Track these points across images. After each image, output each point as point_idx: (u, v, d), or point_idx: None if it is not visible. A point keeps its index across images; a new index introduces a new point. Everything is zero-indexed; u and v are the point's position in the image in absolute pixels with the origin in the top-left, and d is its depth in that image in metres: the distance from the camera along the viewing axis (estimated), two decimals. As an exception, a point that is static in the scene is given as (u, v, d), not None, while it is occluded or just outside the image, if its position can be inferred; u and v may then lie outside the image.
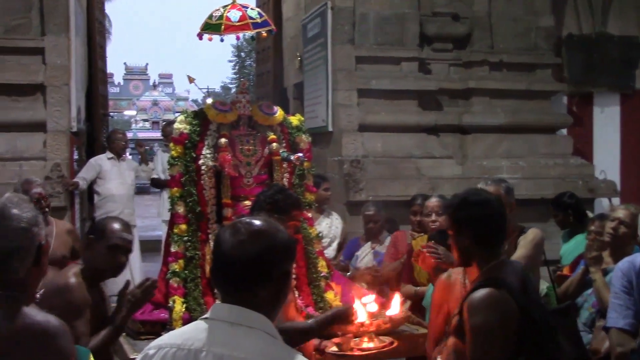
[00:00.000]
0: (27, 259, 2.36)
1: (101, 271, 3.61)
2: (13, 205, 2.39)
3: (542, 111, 9.09)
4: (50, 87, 7.82)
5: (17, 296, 2.35)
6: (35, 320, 2.31)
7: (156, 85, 52.13)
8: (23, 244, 2.34)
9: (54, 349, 2.30)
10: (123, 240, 3.60)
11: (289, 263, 2.09)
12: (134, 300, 3.47)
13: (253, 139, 4.88)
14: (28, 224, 2.36)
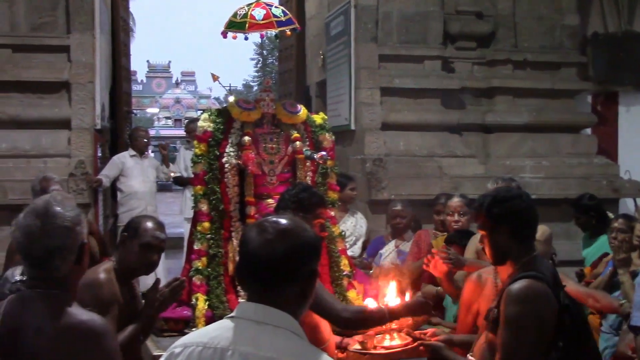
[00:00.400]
0: (70, 257, 2.39)
1: (133, 269, 3.62)
2: (57, 203, 2.41)
3: (566, 110, 9.02)
4: (75, 84, 7.87)
5: (60, 295, 2.38)
6: (81, 320, 2.34)
7: (179, 83, 52.43)
8: (66, 243, 2.37)
9: (100, 348, 2.33)
10: (156, 239, 3.60)
11: (315, 262, 2.08)
12: (162, 299, 3.49)
13: (276, 137, 4.89)
14: (72, 222, 2.39)
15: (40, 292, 2.38)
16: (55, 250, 2.35)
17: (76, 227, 2.39)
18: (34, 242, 2.36)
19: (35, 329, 2.31)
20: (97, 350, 2.32)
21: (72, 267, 2.40)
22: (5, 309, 2.41)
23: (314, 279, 2.07)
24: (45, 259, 2.36)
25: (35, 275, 2.41)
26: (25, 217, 2.39)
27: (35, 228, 2.35)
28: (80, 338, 2.30)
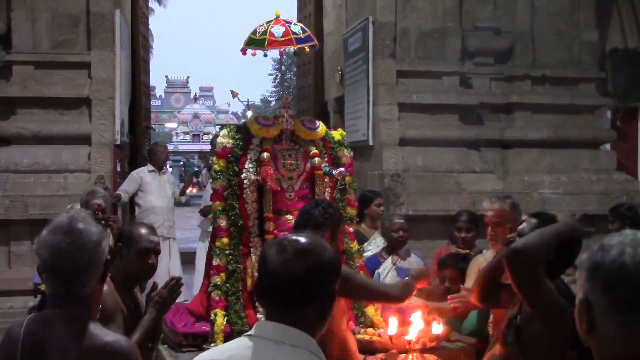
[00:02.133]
0: (96, 274, 2.40)
1: (134, 276, 3.69)
2: (80, 220, 2.42)
3: (585, 126, 8.99)
4: (96, 100, 7.95)
5: (81, 314, 2.37)
6: (106, 341, 2.34)
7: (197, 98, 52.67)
8: (95, 259, 2.38)
9: None
10: (151, 243, 3.67)
11: (334, 281, 2.07)
12: (162, 300, 3.49)
13: (295, 154, 4.91)
14: (99, 238, 2.40)
15: (61, 312, 2.37)
16: (84, 266, 2.36)
17: (102, 243, 2.41)
18: (64, 259, 2.34)
19: (60, 350, 2.31)
20: None
21: (96, 284, 2.41)
22: (27, 328, 2.40)
23: (333, 299, 2.06)
24: (74, 276, 2.36)
25: (59, 293, 2.40)
26: (50, 234, 2.38)
27: (65, 244, 2.35)
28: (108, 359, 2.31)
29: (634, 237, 1.79)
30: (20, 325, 2.44)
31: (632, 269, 1.72)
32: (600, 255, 1.78)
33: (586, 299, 1.80)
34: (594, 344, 1.82)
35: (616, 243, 1.77)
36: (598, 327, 1.78)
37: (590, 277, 1.79)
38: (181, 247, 9.61)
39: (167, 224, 8.45)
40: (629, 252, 1.73)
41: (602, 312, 1.76)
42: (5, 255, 7.56)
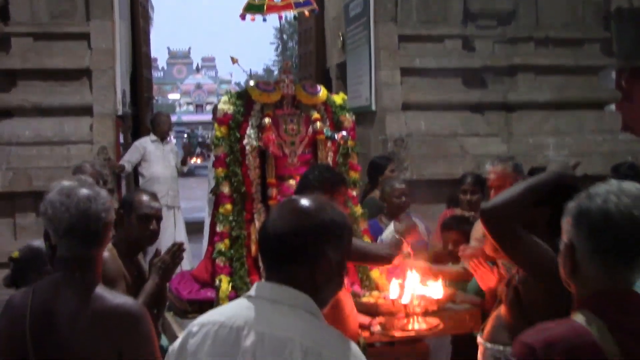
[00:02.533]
0: (97, 237, 2.42)
1: (136, 243, 3.72)
2: (84, 184, 2.47)
3: (590, 87, 8.92)
4: (96, 71, 7.92)
5: (88, 278, 2.40)
6: (116, 304, 2.36)
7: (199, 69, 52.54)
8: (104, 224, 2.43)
9: (137, 331, 2.35)
10: (152, 209, 3.71)
11: (328, 245, 2.02)
12: (164, 266, 3.51)
13: (297, 119, 4.88)
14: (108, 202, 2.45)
15: (69, 276, 2.39)
16: (102, 227, 2.42)
17: (106, 207, 2.44)
18: (65, 218, 2.39)
19: (70, 315, 2.32)
20: (134, 334, 2.34)
21: (97, 247, 2.43)
22: (34, 296, 2.41)
23: (326, 263, 2.01)
24: (74, 236, 2.40)
25: (69, 256, 2.43)
26: (54, 194, 2.44)
27: (70, 205, 2.40)
28: (116, 322, 2.32)
29: (619, 186, 1.96)
30: (23, 294, 2.45)
31: (616, 216, 1.90)
32: (586, 202, 1.97)
33: (571, 243, 1.99)
34: (575, 285, 2.03)
35: (602, 192, 1.96)
36: (580, 270, 1.98)
37: (576, 223, 1.98)
38: (186, 217, 9.64)
39: (171, 194, 8.46)
40: (613, 200, 1.92)
41: (585, 255, 1.96)
42: (10, 227, 7.58)
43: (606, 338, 1.86)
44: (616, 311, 1.91)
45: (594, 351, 1.86)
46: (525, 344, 1.93)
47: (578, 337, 1.89)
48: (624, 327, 1.89)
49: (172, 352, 2.08)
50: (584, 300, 1.98)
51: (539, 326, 1.99)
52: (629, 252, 1.94)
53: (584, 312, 1.94)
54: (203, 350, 1.99)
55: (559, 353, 1.87)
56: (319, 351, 1.90)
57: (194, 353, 2.01)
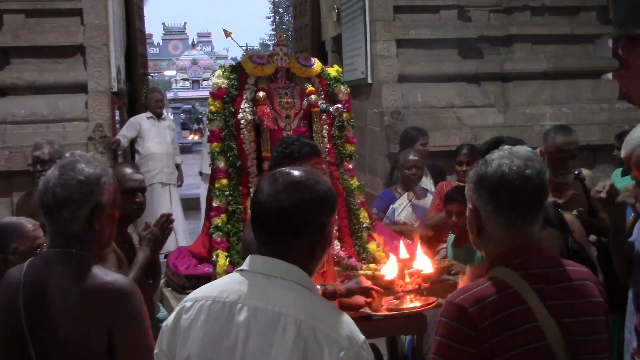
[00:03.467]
0: (79, 213, 2.39)
1: (124, 216, 3.56)
2: (82, 160, 2.44)
3: (587, 55, 8.87)
4: (90, 47, 7.88)
5: (80, 255, 2.39)
6: (106, 280, 2.34)
7: (195, 45, 52.17)
8: (75, 196, 2.38)
9: (127, 308, 2.34)
10: (136, 181, 3.69)
11: (326, 216, 2.04)
12: (154, 238, 3.46)
13: (291, 92, 4.85)
14: (86, 178, 2.40)
15: (60, 252, 2.39)
16: (63, 200, 2.37)
17: (90, 184, 2.40)
18: (48, 190, 2.39)
19: (61, 291, 2.32)
20: (124, 311, 2.32)
21: (85, 227, 2.39)
22: (27, 271, 2.42)
23: (324, 234, 2.04)
24: (53, 209, 2.38)
25: (52, 229, 2.43)
26: (51, 169, 2.45)
27: (52, 177, 2.40)
28: (106, 299, 2.30)
29: (511, 151, 2.17)
30: (18, 270, 2.45)
31: (510, 176, 2.10)
32: (483, 168, 2.16)
33: (474, 208, 2.18)
34: (484, 246, 2.22)
35: (496, 157, 2.16)
36: (486, 232, 2.17)
37: (476, 188, 2.17)
38: (182, 194, 9.64)
39: (166, 170, 8.45)
40: (506, 164, 2.12)
41: (488, 216, 2.15)
42: (8, 206, 7.57)
43: (524, 286, 2.06)
44: (526, 262, 2.11)
45: (518, 300, 2.04)
46: (455, 305, 2.07)
47: (501, 291, 2.06)
48: (535, 274, 2.09)
49: (166, 327, 2.08)
50: (495, 258, 2.16)
51: (463, 287, 2.18)
52: (526, 209, 2.13)
53: (499, 269, 2.12)
54: (197, 325, 2.00)
55: (488, 308, 2.02)
56: (312, 324, 1.90)
57: (188, 328, 2.01)
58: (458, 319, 2.04)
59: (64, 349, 2.30)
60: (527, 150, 2.21)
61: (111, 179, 2.48)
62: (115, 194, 2.51)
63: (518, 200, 2.11)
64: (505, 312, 2.02)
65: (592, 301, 2.14)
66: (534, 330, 2.02)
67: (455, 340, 2.03)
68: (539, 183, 2.12)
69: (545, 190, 2.17)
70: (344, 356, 1.87)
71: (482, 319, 2.01)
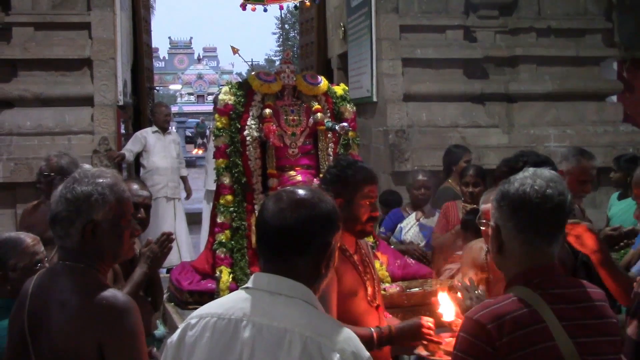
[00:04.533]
0: (70, 230, 2.41)
1: None
2: (79, 177, 2.47)
3: (591, 78, 8.89)
4: (97, 61, 7.91)
5: (83, 269, 2.40)
6: (103, 296, 2.34)
7: (201, 59, 52.48)
8: (62, 214, 2.41)
9: (122, 325, 2.32)
10: (140, 197, 3.70)
11: (330, 235, 2.06)
12: (153, 255, 3.46)
13: (297, 109, 4.88)
14: (74, 197, 2.42)
15: (67, 265, 2.42)
16: (54, 217, 2.43)
17: (78, 202, 2.41)
18: (51, 205, 2.46)
19: (60, 303, 2.34)
20: (117, 327, 2.31)
21: (82, 242, 2.41)
22: (36, 281, 2.47)
23: (328, 252, 2.05)
24: (51, 223, 2.44)
25: (59, 245, 2.46)
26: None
27: (55, 193, 2.47)
28: (101, 315, 2.30)
29: (534, 172, 2.23)
30: (30, 280, 2.52)
31: (531, 195, 2.16)
32: (506, 186, 2.23)
33: (496, 225, 2.24)
34: (502, 264, 2.27)
35: (520, 177, 2.23)
36: (506, 248, 2.22)
37: (498, 205, 2.23)
38: (187, 208, 9.63)
39: (171, 185, 8.44)
40: (529, 183, 2.18)
41: (509, 233, 2.20)
42: (12, 217, 7.59)
43: (542, 306, 2.10)
44: (545, 282, 2.15)
45: (536, 319, 2.08)
46: (474, 321, 2.10)
47: (520, 309, 2.09)
48: (554, 294, 2.13)
49: (171, 344, 2.08)
50: (515, 277, 2.21)
51: (483, 304, 2.21)
52: (546, 228, 2.18)
53: (518, 288, 2.17)
54: (202, 342, 2.00)
55: (506, 325, 2.05)
56: (318, 341, 1.90)
57: (193, 345, 2.02)
58: (476, 335, 2.08)
59: (59, 358, 2.32)
60: (551, 172, 2.27)
61: (111, 195, 2.47)
62: (118, 209, 2.49)
63: (537, 219, 2.16)
64: (523, 330, 2.06)
65: (609, 322, 2.18)
66: (551, 349, 2.05)
67: (473, 355, 2.07)
68: (560, 204, 2.17)
69: (566, 212, 2.21)
70: None
71: (500, 336, 2.04)
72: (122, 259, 2.67)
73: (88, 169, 2.56)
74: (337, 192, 3.15)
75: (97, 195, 2.44)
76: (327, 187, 3.34)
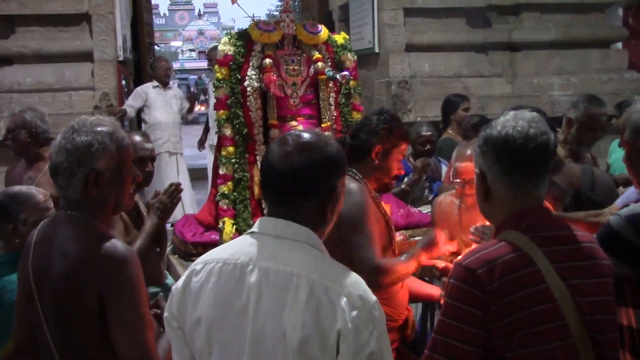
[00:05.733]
0: (72, 180, 2.41)
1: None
2: (77, 127, 2.45)
3: (596, 25, 8.78)
4: (96, 16, 7.82)
5: (84, 218, 2.41)
6: (103, 245, 2.34)
7: (201, 15, 51.98)
8: (64, 165, 2.41)
9: (121, 274, 2.32)
10: (146, 150, 3.63)
11: (336, 178, 2.05)
12: (162, 206, 3.46)
13: (298, 59, 4.83)
14: (74, 147, 2.40)
15: (69, 215, 2.42)
16: (55, 168, 2.43)
17: (79, 152, 2.40)
18: (51, 156, 2.46)
19: (61, 252, 2.35)
20: (116, 276, 2.31)
21: (84, 192, 2.41)
22: (39, 231, 2.49)
23: (334, 195, 2.04)
24: (53, 174, 2.44)
25: (61, 194, 2.48)
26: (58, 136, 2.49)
27: (54, 144, 2.46)
28: (101, 264, 2.30)
29: (515, 115, 2.19)
30: (36, 229, 2.54)
31: (514, 136, 2.12)
32: (488, 131, 2.19)
33: (481, 171, 2.20)
34: (491, 210, 2.24)
35: (501, 120, 2.19)
36: (493, 193, 2.19)
37: (481, 150, 2.20)
38: (190, 164, 9.63)
39: (173, 140, 8.42)
40: (510, 125, 2.15)
41: (494, 177, 2.16)
42: (14, 175, 7.58)
43: (533, 249, 2.07)
44: (534, 225, 2.12)
45: (528, 262, 2.05)
46: (463, 267, 2.07)
47: (511, 253, 2.06)
48: (544, 237, 2.10)
49: (176, 290, 2.08)
50: (504, 222, 2.17)
51: (472, 250, 2.19)
52: (531, 168, 2.14)
53: (507, 232, 2.13)
54: (207, 287, 2.00)
55: (497, 270, 2.03)
56: (324, 284, 1.90)
57: (198, 290, 2.02)
58: (466, 281, 2.04)
59: (60, 306, 2.34)
60: (531, 113, 2.23)
61: (112, 143, 2.46)
62: (120, 157, 2.49)
63: (522, 160, 2.12)
64: (514, 273, 2.03)
65: (600, 263, 2.15)
66: (543, 291, 2.03)
67: (463, 302, 2.04)
68: (543, 143, 2.13)
69: (550, 151, 2.17)
70: (356, 315, 1.86)
71: (491, 281, 2.01)
72: (123, 208, 2.67)
73: (85, 118, 2.53)
74: (379, 140, 3.27)
75: (97, 144, 2.43)
76: (369, 133, 3.32)
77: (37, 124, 4.87)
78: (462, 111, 6.27)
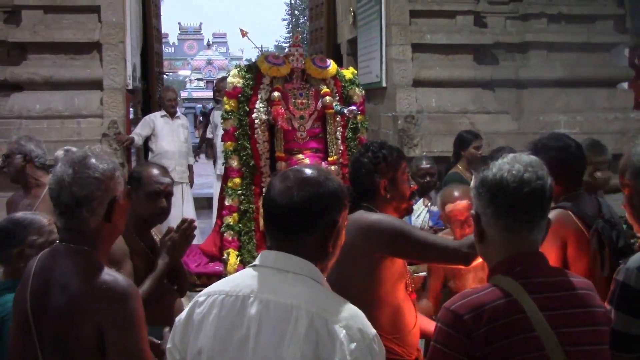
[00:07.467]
0: (98, 210, 2.38)
1: (145, 220, 3.45)
2: (93, 155, 2.42)
3: (602, 64, 8.83)
4: (106, 44, 7.90)
5: (88, 252, 2.38)
6: (104, 280, 2.31)
7: (210, 45, 52.41)
8: (94, 194, 2.36)
9: (122, 310, 2.30)
10: (161, 185, 3.42)
11: (337, 212, 2.06)
12: (174, 244, 3.34)
13: (306, 93, 4.88)
14: (102, 174, 2.38)
15: (69, 247, 2.39)
16: (82, 199, 2.35)
17: (107, 180, 2.39)
18: (63, 190, 2.36)
19: (61, 285, 2.32)
20: (116, 313, 2.28)
21: (102, 222, 2.39)
22: (39, 262, 2.44)
23: (335, 230, 2.06)
24: (72, 208, 2.36)
25: (66, 226, 2.42)
26: (60, 166, 2.40)
27: (67, 176, 2.36)
28: (102, 299, 2.28)
29: (513, 157, 2.15)
30: (34, 260, 2.48)
31: (508, 179, 2.08)
32: (484, 172, 2.15)
33: (476, 213, 2.17)
34: (485, 253, 2.20)
35: (497, 163, 2.15)
36: (486, 236, 2.16)
37: (477, 192, 2.16)
38: (195, 193, 9.65)
39: (179, 169, 8.45)
40: (506, 168, 2.11)
41: (488, 220, 2.13)
42: (21, 200, 7.61)
43: (523, 295, 2.02)
44: (527, 270, 2.08)
45: (516, 309, 2.00)
46: (451, 311, 2.04)
47: (500, 299, 2.02)
48: (536, 283, 2.06)
49: (179, 322, 2.09)
50: (496, 266, 2.13)
51: (462, 293, 2.12)
52: (525, 213, 2.10)
53: (499, 277, 2.09)
54: (209, 319, 2.01)
55: (484, 316, 1.99)
56: (324, 316, 1.91)
57: (200, 322, 2.03)
58: (452, 326, 2.01)
59: (59, 340, 2.31)
60: (530, 157, 2.18)
61: (121, 171, 2.47)
62: (125, 185, 2.50)
63: (515, 204, 2.08)
64: (502, 320, 1.99)
65: (595, 311, 2.11)
66: (531, 340, 1.99)
67: (449, 347, 2.01)
68: (538, 188, 2.09)
69: (547, 196, 2.12)
70: (355, 348, 1.86)
71: (477, 327, 1.98)
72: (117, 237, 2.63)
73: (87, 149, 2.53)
74: (381, 175, 3.22)
75: (119, 172, 2.44)
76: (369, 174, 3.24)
77: (32, 148, 4.90)
78: (473, 149, 6.28)
